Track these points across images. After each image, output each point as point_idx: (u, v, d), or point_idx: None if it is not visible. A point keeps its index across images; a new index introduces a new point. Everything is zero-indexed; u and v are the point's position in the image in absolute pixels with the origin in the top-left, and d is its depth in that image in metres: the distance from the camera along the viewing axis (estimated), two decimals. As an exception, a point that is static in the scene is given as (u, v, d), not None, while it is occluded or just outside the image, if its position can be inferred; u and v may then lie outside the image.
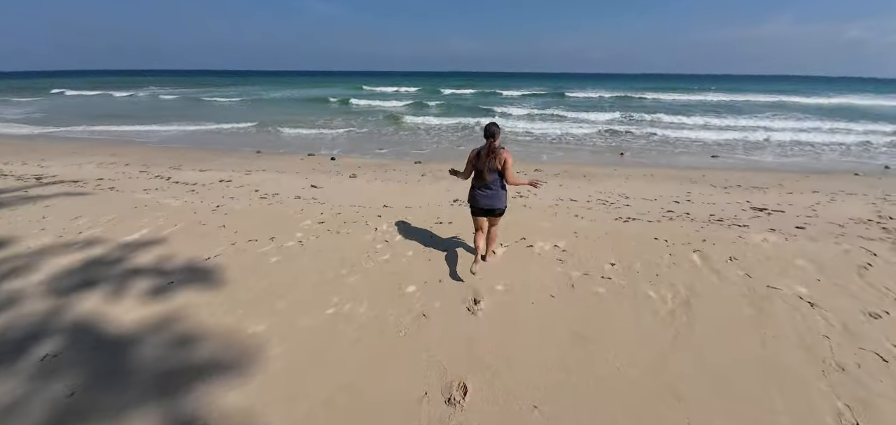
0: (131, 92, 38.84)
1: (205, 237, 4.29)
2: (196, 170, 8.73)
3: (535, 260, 3.70)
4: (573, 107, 25.48)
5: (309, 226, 4.49)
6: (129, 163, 9.79)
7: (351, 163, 10.27)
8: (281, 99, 32.69)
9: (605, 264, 3.59)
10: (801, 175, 9.12)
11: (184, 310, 3.02)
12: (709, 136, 14.83)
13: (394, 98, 33.33)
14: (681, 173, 8.96)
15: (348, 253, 3.80)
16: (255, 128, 16.85)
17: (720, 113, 23.61)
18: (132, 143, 13.63)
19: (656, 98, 33.68)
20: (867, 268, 3.59)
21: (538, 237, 4.21)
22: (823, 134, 15.89)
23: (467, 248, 3.99)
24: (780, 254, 3.81)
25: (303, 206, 5.34)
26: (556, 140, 14.47)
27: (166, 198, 5.92)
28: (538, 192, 6.48)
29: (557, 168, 9.39)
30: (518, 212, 5.30)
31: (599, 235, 4.27)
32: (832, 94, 40.53)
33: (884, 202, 6.20)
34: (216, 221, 4.72)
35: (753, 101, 30.97)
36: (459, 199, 5.91)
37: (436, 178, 7.96)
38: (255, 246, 3.98)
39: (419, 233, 4.33)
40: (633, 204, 5.88)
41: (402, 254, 3.78)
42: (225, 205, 5.37)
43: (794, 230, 4.58)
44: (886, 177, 9.09)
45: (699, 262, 3.63)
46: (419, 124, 17.66)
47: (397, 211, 5.20)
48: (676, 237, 4.21)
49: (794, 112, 24.56)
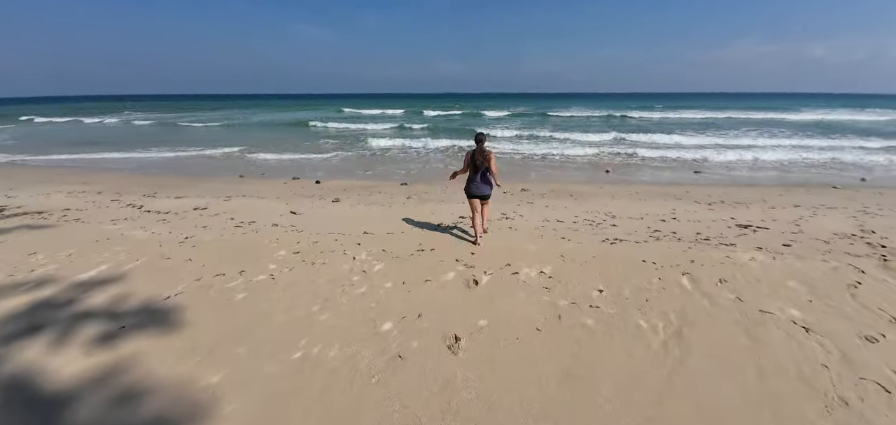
0: (106, 118, 38.13)
1: (168, 272, 3.99)
2: (171, 198, 8.39)
3: (521, 288, 3.52)
4: (559, 127, 25.94)
5: (283, 258, 4.23)
6: (100, 192, 9.37)
7: (336, 185, 10.05)
8: (268, 122, 32.50)
9: (593, 291, 3.43)
10: (783, 188, 9.28)
11: (132, 359, 2.72)
12: (688, 155, 15.14)
13: (381, 120, 33.49)
14: (665, 189, 9.01)
15: (322, 286, 3.56)
16: (239, 153, 16.55)
17: (699, 130, 24.35)
18: (107, 170, 13.16)
19: (640, 116, 34.67)
20: (857, 286, 3.52)
21: (524, 262, 4.04)
22: (799, 149, 16.43)
23: (446, 281, 3.79)
24: (770, 274, 3.72)
25: (279, 235, 5.08)
26: (542, 158, 14.56)
27: (133, 229, 5.59)
28: (524, 214, 6.39)
29: (544, 187, 9.34)
30: (504, 235, 5.16)
31: (587, 259, 4.12)
32: (802, 109, 42.45)
33: (864, 215, 6.27)
34: (182, 254, 4.42)
35: (732, 118, 32.12)
36: (443, 223, 5.75)
37: (421, 200, 7.79)
38: (222, 281, 3.71)
39: (399, 262, 4.12)
40: (619, 223, 5.79)
41: (380, 286, 3.55)
42: (195, 236, 5.07)
43: (781, 248, 4.53)
44: (863, 189, 9.31)
45: (689, 286, 3.50)
46: (407, 146, 17.62)
47: (378, 238, 4.98)
48: (665, 259, 4.10)
49: (769, 127, 25.51)
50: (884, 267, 3.90)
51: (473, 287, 3.54)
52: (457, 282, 3.64)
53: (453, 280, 3.67)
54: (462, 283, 3.61)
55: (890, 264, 3.97)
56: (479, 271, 3.86)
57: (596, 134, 21.90)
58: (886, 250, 4.39)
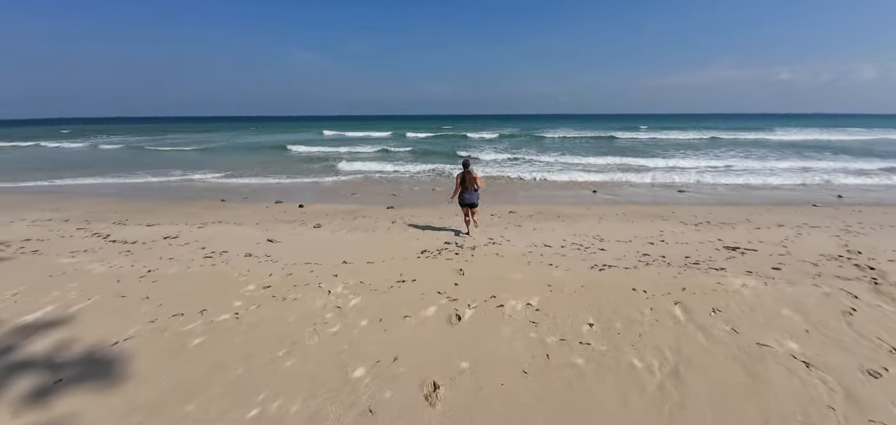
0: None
1: (120, 313, 3.63)
2: (143, 225, 7.95)
3: (506, 323, 3.29)
4: (546, 149, 26.31)
5: (251, 293, 3.91)
6: (68, 220, 8.86)
7: (320, 210, 9.75)
8: (255, 145, 32.11)
9: (582, 325, 3.22)
10: (765, 207, 9.38)
11: (64, 422, 2.36)
12: (672, 175, 15.40)
13: (370, 143, 33.50)
14: (651, 210, 9.00)
15: (291, 326, 3.26)
16: (223, 176, 16.13)
17: (681, 149, 25.01)
18: (81, 196, 12.57)
19: (626, 136, 35.57)
20: (852, 313, 3.41)
21: (510, 293, 3.82)
22: (777, 168, 16.92)
23: (427, 317, 3.53)
24: (763, 302, 3.59)
25: (250, 267, 4.76)
26: (530, 180, 14.58)
27: (91, 263, 5.18)
28: (511, 238, 6.23)
29: (531, 208, 9.24)
30: (490, 262, 4.95)
31: (575, 288, 3.93)
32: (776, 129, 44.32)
33: (848, 234, 6.30)
34: (140, 291, 4.06)
35: (712, 139, 33.18)
36: (427, 250, 5.52)
37: (406, 225, 7.56)
38: (179, 323, 3.37)
39: (377, 295, 3.85)
40: (608, 247, 5.66)
41: (355, 325, 3.27)
42: (158, 270, 4.71)
43: (771, 272, 4.43)
44: (842, 206, 9.49)
45: (682, 317, 3.33)
46: (390, 170, 17.47)
47: (357, 268, 4.71)
48: (656, 286, 3.94)
49: (746, 147, 26.39)
50: (876, 291, 3.82)
51: (456, 323, 3.29)
52: (438, 317, 3.39)
53: (434, 315, 3.42)
54: (444, 319, 3.36)
55: (881, 288, 3.90)
56: (463, 304, 3.62)
57: (583, 155, 22.24)
58: (876, 272, 4.33)
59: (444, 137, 36.71)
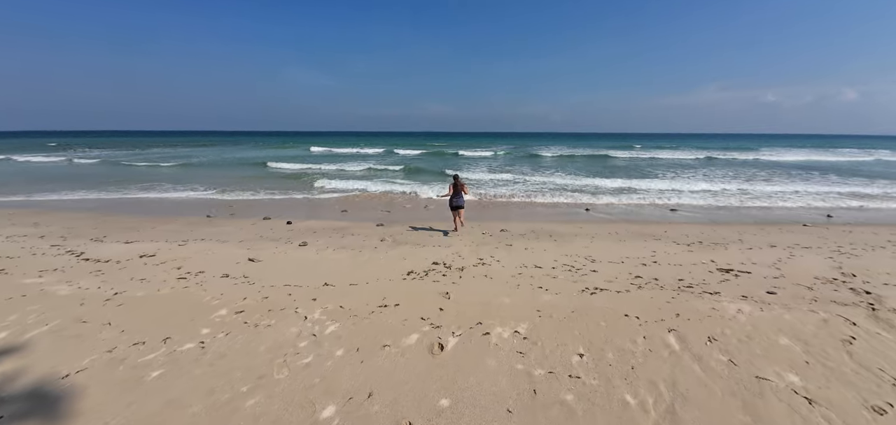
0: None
1: (77, 341, 3.36)
2: (121, 242, 7.66)
3: (492, 353, 3.09)
4: (540, 167, 26.47)
5: (222, 319, 3.67)
6: (43, 236, 8.52)
7: (308, 227, 9.52)
8: (248, 160, 31.88)
9: (572, 356, 3.03)
10: (756, 227, 9.36)
11: (-10, 471, 2.09)
12: (666, 195, 15.46)
13: (364, 159, 33.50)
14: (644, 229, 8.92)
15: (260, 357, 3.02)
16: (212, 191, 15.85)
17: (673, 168, 25.30)
18: (63, 210, 12.18)
19: (618, 155, 36.00)
20: (851, 342, 3.27)
21: (497, 319, 3.63)
22: (764, 186, 17.10)
23: (408, 346, 3.32)
24: (760, 329, 3.44)
25: (225, 289, 4.51)
26: (523, 197, 14.53)
27: (57, 284, 4.90)
28: (501, 258, 6.06)
29: (524, 227, 9.11)
30: (478, 284, 4.76)
31: (566, 314, 3.75)
32: (763, 149, 45.27)
33: (840, 255, 6.24)
34: (103, 316, 3.79)
35: (700, 159, 33.69)
36: (414, 271, 5.32)
37: (395, 243, 7.37)
38: (138, 353, 3.11)
39: (356, 321, 3.63)
40: (599, 268, 5.51)
41: (329, 355, 3.05)
42: (126, 292, 4.44)
43: (766, 296, 4.30)
44: (831, 226, 9.51)
45: (677, 347, 3.16)
46: (387, 185, 17.36)
47: (339, 291, 4.49)
48: (649, 312, 3.78)
49: (735, 166, 26.79)
50: (874, 318, 3.70)
51: (438, 353, 3.08)
52: (419, 346, 3.18)
53: (416, 344, 3.21)
54: (425, 348, 3.15)
55: (879, 314, 3.78)
56: (447, 332, 3.41)
57: (576, 173, 22.35)
58: (872, 297, 4.22)
59: (438, 155, 36.82)
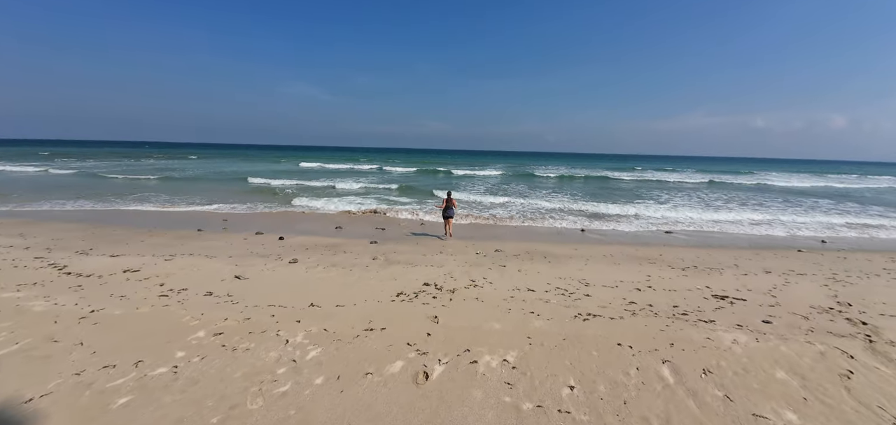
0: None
1: (46, 362, 3.20)
2: (106, 256, 7.48)
3: (479, 384, 2.95)
4: (536, 186, 26.59)
5: (199, 341, 3.52)
6: (28, 247, 8.33)
7: (300, 243, 9.38)
8: (246, 172, 31.85)
9: (563, 388, 2.91)
10: (751, 251, 9.33)
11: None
12: (661, 217, 15.49)
13: (362, 176, 33.56)
14: (638, 252, 8.86)
15: (235, 384, 2.87)
16: (207, 204, 15.71)
17: (667, 191, 25.48)
18: (52, 220, 11.98)
19: (613, 176, 36.32)
20: (849, 376, 3.17)
21: (486, 347, 3.51)
22: (760, 212, 17.20)
23: (391, 374, 3.19)
24: (756, 362, 3.34)
25: (206, 309, 4.36)
26: (519, 217, 14.49)
27: (33, 299, 4.73)
28: (493, 280, 5.96)
29: (518, 247, 9.02)
30: (468, 308, 4.63)
31: (557, 342, 3.64)
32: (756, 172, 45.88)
33: (835, 283, 6.18)
34: (75, 336, 3.63)
35: (696, 181, 34.04)
36: (404, 293, 5.19)
37: (387, 262, 7.25)
38: (107, 376, 2.95)
39: (340, 346, 3.49)
40: (593, 292, 5.41)
41: (308, 383, 2.90)
42: (103, 310, 4.28)
43: (762, 325, 4.21)
44: (826, 252, 9.50)
45: (671, 379, 3.04)
46: (383, 202, 17.31)
47: (324, 312, 4.35)
48: (642, 341, 3.67)
49: (728, 189, 27.05)
50: (871, 350, 3.61)
51: (422, 383, 2.94)
52: (403, 375, 3.04)
53: (400, 372, 3.07)
54: (409, 377, 3.01)
55: (877, 346, 3.70)
56: (433, 359, 3.28)
57: (571, 193, 22.45)
58: (868, 328, 4.14)
59: (434, 173, 36.97)
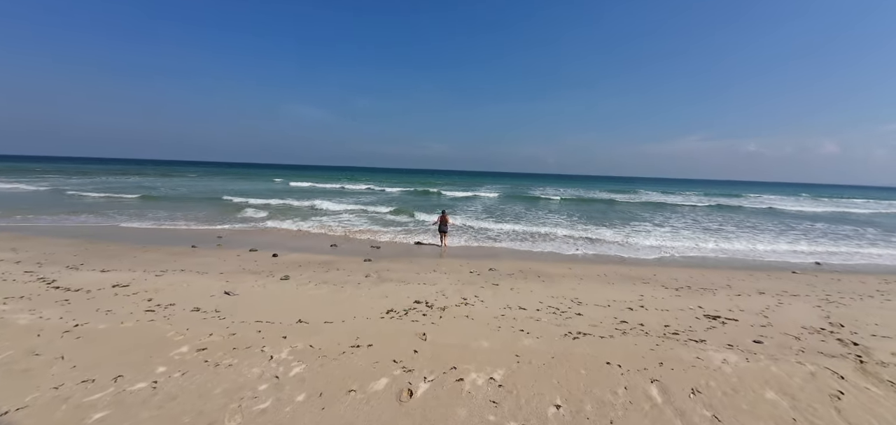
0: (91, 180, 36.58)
1: (25, 375, 3.14)
2: (97, 271, 7.43)
3: (464, 402, 2.90)
4: (533, 207, 26.73)
5: (181, 356, 3.47)
6: (19, 261, 8.28)
7: (293, 260, 9.34)
8: (245, 191, 31.97)
9: (549, 407, 2.86)
10: (745, 272, 9.31)
11: None
12: (656, 237, 15.52)
13: (360, 195, 33.69)
14: (632, 271, 8.84)
15: (214, 400, 2.82)
16: (202, 221, 15.70)
17: (662, 211, 25.63)
18: (44, 235, 11.92)
19: (608, 196, 36.57)
20: (840, 397, 3.13)
21: (473, 364, 3.47)
22: (752, 231, 17.27)
23: (375, 391, 3.14)
24: (745, 382, 3.30)
25: (192, 324, 4.31)
26: (516, 237, 14.50)
27: (18, 313, 4.67)
28: (485, 299, 5.92)
29: (512, 266, 9.00)
30: (458, 326, 4.59)
31: (545, 360, 3.60)
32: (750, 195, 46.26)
33: (828, 304, 6.17)
34: (58, 349, 3.58)
35: (692, 204, 34.28)
36: (393, 310, 5.15)
37: (380, 280, 7.21)
38: (85, 391, 2.90)
39: (324, 363, 3.44)
40: (585, 311, 5.38)
41: (289, 400, 2.85)
42: (87, 324, 4.23)
43: (753, 345, 4.18)
44: (820, 273, 9.49)
45: (659, 399, 3.00)
46: (380, 221, 17.35)
47: (312, 328, 4.31)
48: (631, 360, 3.64)
49: (722, 211, 27.21)
50: (862, 371, 3.58)
51: (406, 400, 2.89)
52: (387, 393, 2.99)
53: (383, 390, 3.02)
54: (393, 395, 2.96)
55: (867, 367, 3.67)
56: (419, 376, 3.24)
57: (568, 213, 22.54)
58: (859, 349, 4.12)
59: (435, 194, 37.15)
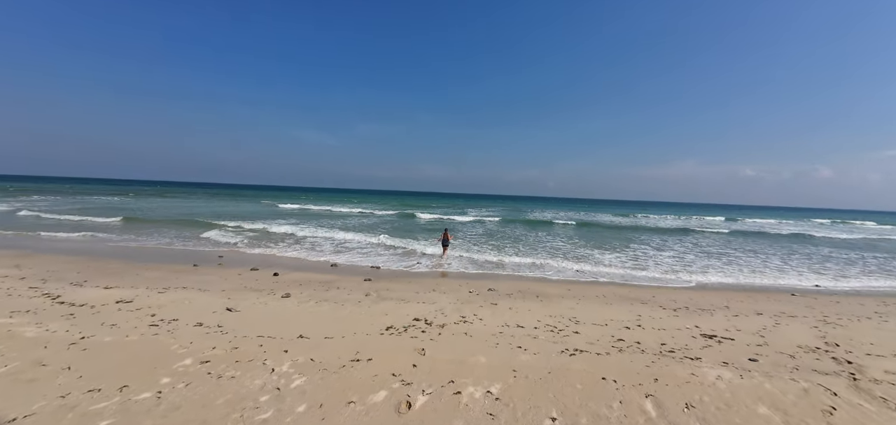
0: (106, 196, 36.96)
1: (32, 384, 3.22)
2: (100, 287, 7.52)
3: (461, 415, 2.96)
4: (534, 229, 26.86)
5: (185, 368, 3.54)
6: (24, 277, 8.39)
7: (294, 279, 9.42)
8: (251, 213, 32.23)
9: (544, 420, 2.91)
10: (744, 293, 9.34)
11: None
12: (655, 259, 15.56)
13: (362, 217, 33.93)
14: (631, 293, 8.88)
15: (216, 410, 2.89)
16: (204, 241, 15.85)
17: (662, 234, 25.70)
18: (49, 252, 12.06)
19: (607, 220, 36.70)
20: (832, 412, 3.18)
21: (470, 378, 3.53)
22: (753, 255, 17.29)
23: (374, 403, 3.20)
24: (738, 397, 3.35)
25: (196, 338, 4.39)
26: (514, 257, 14.57)
27: (25, 326, 4.76)
28: (484, 317, 5.98)
29: (511, 286, 9.06)
30: (456, 342, 4.65)
31: (541, 375, 3.66)
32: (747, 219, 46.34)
33: (826, 325, 6.20)
34: (64, 360, 3.66)
35: (689, 228, 34.37)
36: (393, 327, 5.22)
37: (380, 298, 7.27)
38: (91, 400, 2.97)
39: (325, 375, 3.51)
40: (582, 330, 5.43)
41: (290, 411, 2.92)
42: (93, 337, 4.31)
43: (748, 363, 4.22)
44: (820, 296, 9.50)
45: (653, 413, 3.05)
46: (381, 242, 17.49)
47: (312, 343, 4.38)
48: (627, 376, 3.69)
49: (723, 235, 27.26)
50: (855, 388, 3.62)
51: (404, 412, 2.96)
52: (386, 404, 3.05)
53: (382, 402, 3.09)
54: (392, 407, 3.02)
55: (860, 384, 3.71)
56: (417, 389, 3.30)
57: (568, 236, 22.63)
58: (854, 367, 4.16)
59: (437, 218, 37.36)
